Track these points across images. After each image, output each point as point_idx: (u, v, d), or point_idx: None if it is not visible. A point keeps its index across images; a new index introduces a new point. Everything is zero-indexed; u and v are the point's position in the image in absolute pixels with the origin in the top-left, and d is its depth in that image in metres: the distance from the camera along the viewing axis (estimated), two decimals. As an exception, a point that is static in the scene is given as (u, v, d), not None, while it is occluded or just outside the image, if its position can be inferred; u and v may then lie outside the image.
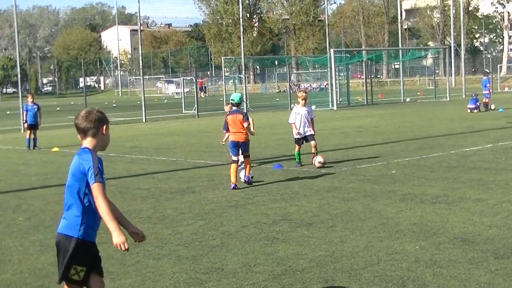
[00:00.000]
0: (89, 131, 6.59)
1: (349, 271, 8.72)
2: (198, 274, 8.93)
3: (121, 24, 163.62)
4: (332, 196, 14.28)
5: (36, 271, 9.54)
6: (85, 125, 6.58)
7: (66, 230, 6.42)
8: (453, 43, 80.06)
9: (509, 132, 26.35)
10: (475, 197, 13.42)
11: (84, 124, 6.57)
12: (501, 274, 8.34)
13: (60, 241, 6.45)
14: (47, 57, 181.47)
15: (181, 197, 15.02)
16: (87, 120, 6.57)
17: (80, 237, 6.43)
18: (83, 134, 6.62)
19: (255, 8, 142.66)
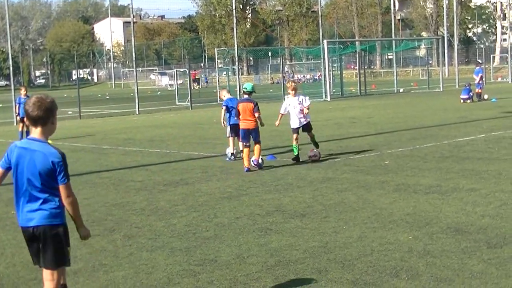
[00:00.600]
0: (40, 120, 6.51)
1: (343, 262, 8.73)
2: (191, 266, 8.93)
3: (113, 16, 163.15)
4: (325, 187, 14.29)
5: (29, 264, 9.50)
6: (37, 113, 6.48)
7: (50, 220, 6.53)
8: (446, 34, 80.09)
9: (502, 122, 26.38)
10: (468, 187, 13.44)
11: (36, 113, 6.48)
12: (494, 263, 8.36)
13: (44, 231, 6.52)
14: (39, 49, 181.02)
15: (175, 189, 15.01)
16: (39, 108, 6.48)
17: (64, 222, 6.65)
18: (34, 122, 6.52)
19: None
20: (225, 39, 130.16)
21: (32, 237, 6.60)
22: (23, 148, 6.55)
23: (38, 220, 6.52)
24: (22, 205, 6.60)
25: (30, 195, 6.54)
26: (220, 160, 19.34)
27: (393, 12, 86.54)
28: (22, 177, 6.54)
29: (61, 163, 6.47)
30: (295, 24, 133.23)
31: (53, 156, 6.45)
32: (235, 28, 59.25)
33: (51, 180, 6.48)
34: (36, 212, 6.53)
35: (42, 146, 6.49)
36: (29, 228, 6.56)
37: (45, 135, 6.56)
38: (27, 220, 6.56)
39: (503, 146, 19.39)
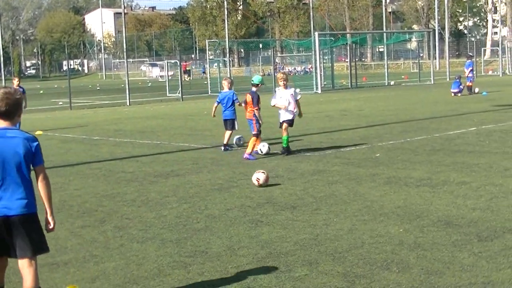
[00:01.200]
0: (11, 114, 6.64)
1: (333, 254, 8.73)
2: (182, 257, 8.92)
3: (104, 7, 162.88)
4: (316, 179, 14.29)
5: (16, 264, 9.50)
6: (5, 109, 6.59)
7: (28, 209, 6.55)
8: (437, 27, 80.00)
9: (493, 116, 26.44)
10: (459, 180, 13.46)
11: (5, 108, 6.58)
12: (484, 256, 8.37)
13: (20, 220, 6.50)
14: (30, 40, 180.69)
15: (165, 180, 15.00)
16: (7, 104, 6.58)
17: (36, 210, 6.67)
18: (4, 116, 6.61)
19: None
20: (216, 30, 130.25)
21: (7, 226, 6.51)
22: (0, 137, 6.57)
23: (17, 208, 6.52)
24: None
25: (9, 184, 6.53)
26: (211, 152, 19.33)
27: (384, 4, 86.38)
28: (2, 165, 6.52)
29: (39, 145, 6.63)
30: (286, 16, 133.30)
31: (32, 140, 6.60)
32: (226, 19, 59.26)
33: (26, 164, 6.57)
34: (14, 201, 6.53)
35: (18, 133, 6.61)
36: (5, 218, 6.48)
37: (12, 124, 6.67)
38: (4, 208, 6.50)
39: (494, 139, 19.42)
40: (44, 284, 8.05)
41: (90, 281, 8.04)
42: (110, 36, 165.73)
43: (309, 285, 7.63)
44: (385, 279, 7.67)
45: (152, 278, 8.16)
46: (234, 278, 7.97)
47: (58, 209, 12.24)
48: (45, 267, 8.76)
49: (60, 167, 17.67)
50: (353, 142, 20.05)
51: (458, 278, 7.61)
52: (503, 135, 20.18)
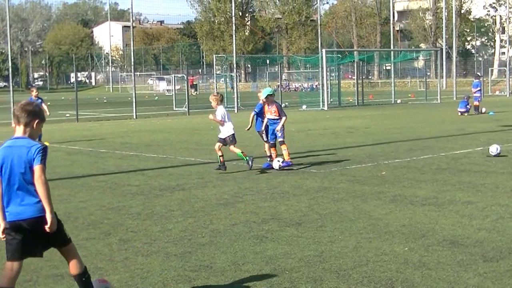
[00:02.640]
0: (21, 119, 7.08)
1: (338, 272, 8.72)
2: (186, 272, 8.92)
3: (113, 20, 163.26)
4: (321, 196, 14.28)
5: (24, 266, 9.45)
6: (19, 113, 7.10)
7: (41, 212, 6.96)
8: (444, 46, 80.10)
9: (500, 135, 26.41)
10: (465, 199, 13.45)
11: (19, 112, 7.09)
12: (490, 277, 8.35)
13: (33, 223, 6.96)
14: (38, 51, 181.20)
15: (171, 194, 15.00)
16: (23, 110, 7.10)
17: None
18: (18, 121, 7.10)
19: (248, 6, 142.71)
20: (223, 45, 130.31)
21: (22, 230, 6.98)
22: (9, 146, 7.05)
23: (32, 212, 6.96)
24: (11, 201, 7.00)
25: (18, 190, 6.97)
26: (216, 167, 19.32)
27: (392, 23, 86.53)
28: (10, 173, 6.96)
29: (40, 149, 6.94)
30: (294, 32, 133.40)
31: (35, 146, 6.95)
32: (234, 35, 59.32)
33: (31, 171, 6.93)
34: (28, 207, 6.96)
35: (26, 142, 7.01)
36: (20, 222, 6.95)
37: (27, 135, 7.08)
38: (18, 214, 6.96)
39: (500, 159, 19.40)
40: (48, 296, 8.07)
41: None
42: (118, 49, 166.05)
43: (313, 302, 7.62)
44: (389, 298, 7.66)
45: (156, 292, 8.17)
46: (238, 294, 7.97)
47: (64, 221, 12.12)
48: (50, 278, 8.77)
49: (66, 179, 17.69)
50: (359, 159, 20.04)
51: (463, 298, 7.59)
52: (510, 155, 20.15)
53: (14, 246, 7.06)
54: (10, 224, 6.99)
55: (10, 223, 6.99)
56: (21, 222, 6.95)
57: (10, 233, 7.03)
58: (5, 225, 7.00)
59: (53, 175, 18.18)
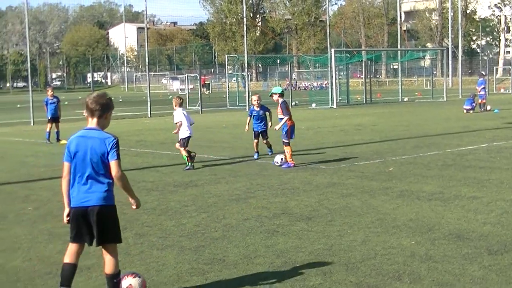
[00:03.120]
0: (96, 112, 7.24)
1: (347, 264, 8.73)
2: (200, 265, 8.95)
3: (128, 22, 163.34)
4: (331, 191, 14.29)
5: (44, 259, 9.57)
6: (93, 107, 7.23)
7: (106, 201, 7.18)
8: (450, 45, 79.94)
9: (504, 132, 26.35)
10: (470, 194, 13.43)
11: (93, 106, 7.23)
12: (494, 269, 8.35)
13: (98, 210, 7.12)
14: (56, 52, 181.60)
15: (185, 190, 15.04)
16: (97, 102, 7.24)
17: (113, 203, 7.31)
18: (91, 114, 7.26)
19: (259, 8, 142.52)
20: (235, 46, 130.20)
21: (86, 216, 7.15)
22: (81, 136, 7.26)
23: (95, 200, 7.12)
24: (78, 187, 7.17)
25: (88, 178, 7.17)
26: (229, 163, 19.35)
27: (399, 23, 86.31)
28: (81, 162, 7.16)
29: (114, 143, 7.18)
30: (304, 33, 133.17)
31: (108, 139, 7.17)
32: (245, 35, 59.27)
33: (104, 160, 7.16)
34: (93, 194, 7.14)
35: (98, 133, 7.21)
36: (84, 208, 7.14)
37: (99, 126, 7.27)
38: (83, 200, 7.14)
39: (505, 156, 19.36)
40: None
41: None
42: (133, 50, 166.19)
43: (323, 294, 7.64)
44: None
45: (171, 284, 8.20)
46: (250, 286, 8.00)
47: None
48: (68, 272, 8.80)
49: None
50: (367, 156, 20.04)
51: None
52: (513, 152, 20.12)
53: (77, 230, 7.24)
54: (75, 210, 7.18)
55: (74, 208, 7.20)
56: (86, 208, 7.12)
57: (72, 217, 7.23)
58: (70, 210, 7.25)
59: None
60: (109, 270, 7.34)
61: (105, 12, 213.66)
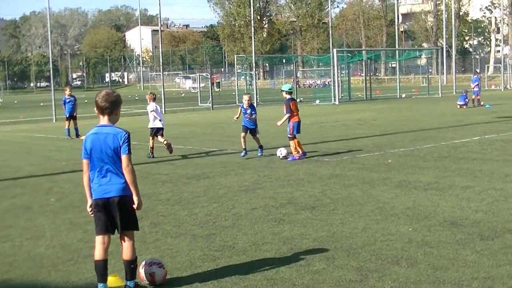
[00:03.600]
0: (107, 109, 7.26)
1: (348, 250, 8.73)
2: (211, 251, 8.96)
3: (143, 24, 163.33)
4: (333, 182, 14.29)
5: (66, 246, 9.60)
6: (104, 105, 7.24)
7: (125, 192, 7.23)
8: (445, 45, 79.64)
9: (495, 126, 26.29)
10: (463, 184, 13.41)
11: (103, 104, 7.23)
12: (486, 254, 8.35)
13: (118, 200, 7.20)
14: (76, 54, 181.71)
15: (197, 182, 15.05)
16: (106, 100, 7.24)
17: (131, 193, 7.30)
18: (102, 111, 7.27)
19: (265, 11, 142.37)
20: (243, 46, 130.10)
21: (107, 207, 7.21)
22: (96, 133, 7.26)
23: (115, 191, 7.19)
24: (98, 180, 7.23)
25: (107, 171, 7.22)
26: (238, 156, 19.36)
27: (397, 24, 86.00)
28: (99, 156, 7.20)
29: (125, 137, 7.19)
30: (307, 34, 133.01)
31: (120, 134, 7.20)
32: (253, 37, 59.31)
33: (117, 154, 7.21)
34: (113, 185, 7.20)
35: (111, 129, 7.25)
36: (106, 199, 7.20)
37: (111, 122, 7.30)
38: (104, 192, 7.20)
39: (496, 148, 19.32)
40: (88, 273, 8.15)
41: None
42: (148, 51, 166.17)
43: (326, 278, 7.64)
44: (395, 273, 7.67)
45: (184, 270, 8.21)
46: (259, 271, 8.00)
47: (100, 206, 12.33)
48: (88, 257, 8.83)
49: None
50: (367, 149, 20.02)
51: (462, 273, 7.60)
52: (504, 144, 20.07)
53: (102, 221, 7.28)
54: (97, 201, 7.23)
55: (96, 200, 7.24)
56: (107, 199, 7.19)
57: (95, 209, 7.29)
58: (92, 202, 7.30)
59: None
60: (127, 256, 7.37)
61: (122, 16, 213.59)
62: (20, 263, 8.83)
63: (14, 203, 13.36)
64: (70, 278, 8.08)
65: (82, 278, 8.05)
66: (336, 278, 7.62)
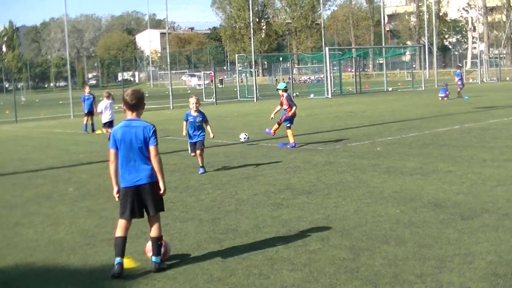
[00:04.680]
0: (135, 106, 7.49)
1: (342, 231, 8.71)
2: (216, 234, 8.93)
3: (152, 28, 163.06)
4: (327, 169, 14.26)
5: (84, 232, 9.58)
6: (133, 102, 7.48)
7: (153, 179, 7.38)
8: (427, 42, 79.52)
9: (473, 116, 26.25)
10: (446, 169, 13.39)
11: (133, 101, 7.47)
12: (467, 232, 8.33)
13: (148, 187, 7.37)
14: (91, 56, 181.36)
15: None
16: (135, 98, 7.49)
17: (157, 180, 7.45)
18: (131, 108, 7.48)
19: (263, 13, 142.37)
20: (243, 46, 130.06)
21: (138, 193, 7.36)
22: (126, 126, 7.45)
23: (145, 179, 7.34)
24: (128, 169, 7.37)
25: (136, 161, 7.37)
26: (240, 147, 19.33)
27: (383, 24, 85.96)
28: (129, 147, 7.36)
29: (153, 130, 7.44)
30: (302, 34, 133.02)
31: (148, 127, 7.44)
32: (252, 37, 59.23)
33: (145, 145, 7.39)
34: (142, 173, 7.35)
35: (140, 123, 7.47)
36: (137, 186, 7.35)
37: (137, 116, 7.53)
38: (136, 180, 7.35)
39: (474, 135, 19.29)
40: (104, 256, 8.13)
41: (141, 254, 8.06)
42: (156, 52, 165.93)
43: (321, 256, 7.62)
44: (384, 251, 7.65)
45: (192, 251, 8.19)
46: (260, 251, 7.98)
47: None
48: (104, 242, 8.82)
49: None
50: (358, 138, 19.98)
51: (445, 250, 7.57)
52: (481, 132, 20.04)
53: (130, 207, 7.42)
54: (127, 189, 7.37)
55: (126, 188, 7.37)
56: (137, 187, 7.33)
57: (125, 196, 7.40)
58: (121, 189, 7.43)
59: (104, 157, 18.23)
60: (155, 234, 7.53)
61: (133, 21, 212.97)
62: (42, 248, 8.81)
63: (36, 193, 13.33)
64: (87, 261, 8.06)
65: (99, 261, 8.02)
66: (330, 256, 7.59)
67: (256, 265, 7.43)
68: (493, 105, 32.25)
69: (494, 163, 13.92)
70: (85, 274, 7.57)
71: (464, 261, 7.18)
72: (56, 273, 7.63)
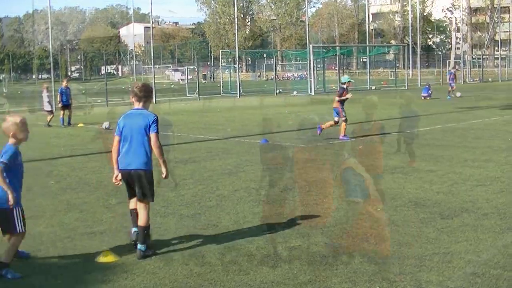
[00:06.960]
0: (143, 97, 7.93)
1: (322, 228, 8.73)
2: (197, 230, 8.93)
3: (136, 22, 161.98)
4: (309, 166, 14.28)
5: (64, 225, 9.53)
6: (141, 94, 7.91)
7: (146, 166, 7.79)
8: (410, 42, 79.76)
9: (456, 116, 26.40)
10: (427, 168, 13.45)
11: (142, 93, 7.91)
12: (446, 231, 8.38)
13: (136, 173, 7.75)
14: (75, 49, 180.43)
15: (184, 166, 14.98)
16: (144, 90, 7.95)
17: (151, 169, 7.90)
18: (139, 99, 7.91)
19: (248, 9, 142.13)
20: (228, 42, 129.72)
21: (130, 177, 7.77)
22: (130, 114, 7.94)
23: (137, 164, 7.73)
24: (125, 154, 7.77)
25: (134, 147, 7.73)
26: (222, 143, 19.31)
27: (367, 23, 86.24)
28: (130, 134, 7.74)
29: (155, 119, 7.79)
30: (286, 31, 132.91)
31: (150, 116, 7.82)
32: (236, 33, 59.13)
33: (146, 132, 7.72)
34: (136, 159, 7.73)
35: (143, 112, 7.90)
36: (128, 171, 7.75)
37: (144, 107, 7.95)
38: (127, 164, 7.76)
39: (456, 135, 19.40)
40: (84, 250, 8.10)
41: (121, 248, 8.05)
42: (140, 46, 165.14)
43: (301, 253, 7.63)
44: (364, 250, 7.67)
45: (172, 246, 8.19)
46: (240, 248, 7.99)
47: (96, 188, 12.25)
48: (85, 235, 8.79)
49: (97, 154, 17.66)
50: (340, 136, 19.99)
51: (424, 249, 7.62)
52: (464, 132, 20.15)
53: (127, 188, 7.98)
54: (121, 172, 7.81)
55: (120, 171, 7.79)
56: (128, 171, 7.74)
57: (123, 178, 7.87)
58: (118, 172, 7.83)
59: (86, 151, 18.18)
60: (143, 223, 7.78)
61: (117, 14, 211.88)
62: (21, 240, 8.75)
63: (17, 185, 13.23)
64: (67, 254, 8.02)
65: (78, 254, 7.99)
66: (311, 253, 7.61)
67: (235, 261, 7.44)
68: (476, 105, 32.41)
69: (475, 163, 14.00)
70: (64, 267, 7.54)
71: (443, 260, 7.22)
72: (34, 266, 7.59)
